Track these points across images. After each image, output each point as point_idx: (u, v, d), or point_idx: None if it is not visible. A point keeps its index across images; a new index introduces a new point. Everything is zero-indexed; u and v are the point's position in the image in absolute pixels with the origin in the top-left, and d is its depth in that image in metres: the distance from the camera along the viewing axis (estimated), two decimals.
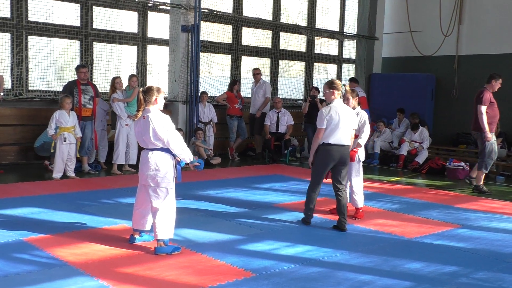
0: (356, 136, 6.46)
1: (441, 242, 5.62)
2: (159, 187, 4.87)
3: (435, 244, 5.49)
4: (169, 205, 4.92)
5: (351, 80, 12.49)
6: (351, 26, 15.26)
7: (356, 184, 6.52)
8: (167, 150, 4.90)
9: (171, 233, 4.96)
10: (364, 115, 6.54)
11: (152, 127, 4.81)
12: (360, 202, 6.54)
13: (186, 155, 4.92)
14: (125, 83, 9.42)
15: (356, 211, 6.58)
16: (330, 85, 6.06)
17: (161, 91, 4.98)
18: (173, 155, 4.96)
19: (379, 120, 12.74)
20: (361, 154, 6.53)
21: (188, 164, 5.06)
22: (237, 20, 12.52)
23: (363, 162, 6.67)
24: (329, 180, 6.87)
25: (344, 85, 6.23)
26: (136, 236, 5.17)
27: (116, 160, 9.25)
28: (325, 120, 5.92)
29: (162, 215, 4.88)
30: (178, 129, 9.97)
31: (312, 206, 6.13)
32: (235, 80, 11.94)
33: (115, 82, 9.23)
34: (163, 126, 4.83)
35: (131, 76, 9.47)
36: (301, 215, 6.47)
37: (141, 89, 4.98)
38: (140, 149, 9.27)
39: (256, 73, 11.96)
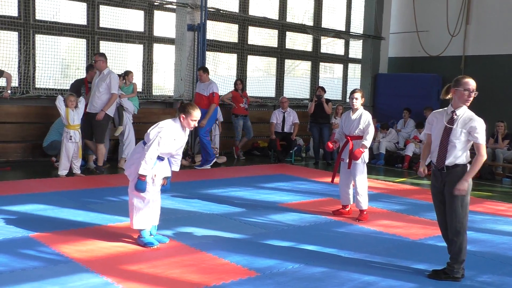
0: (360, 137, 6.45)
1: (445, 244, 5.60)
2: (130, 179, 5.03)
3: (440, 246, 5.44)
4: (136, 196, 4.98)
5: (201, 69, 10.14)
6: (357, 26, 15.24)
7: (361, 186, 6.47)
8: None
9: (142, 224, 5.00)
10: (368, 116, 6.50)
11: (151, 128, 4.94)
12: (365, 204, 6.50)
13: (142, 167, 4.80)
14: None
15: (360, 213, 6.53)
16: (455, 82, 4.51)
17: None
18: (162, 160, 5.01)
19: (383, 123, 12.71)
20: (365, 155, 6.51)
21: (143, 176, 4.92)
22: (243, 19, 12.53)
23: (368, 163, 6.65)
24: (336, 181, 6.90)
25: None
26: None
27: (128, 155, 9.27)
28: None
29: (131, 205, 5.00)
30: None
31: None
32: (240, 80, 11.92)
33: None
34: (153, 131, 4.90)
35: (128, 72, 9.67)
36: (305, 215, 6.47)
37: None
38: None
39: (96, 60, 8.62)
